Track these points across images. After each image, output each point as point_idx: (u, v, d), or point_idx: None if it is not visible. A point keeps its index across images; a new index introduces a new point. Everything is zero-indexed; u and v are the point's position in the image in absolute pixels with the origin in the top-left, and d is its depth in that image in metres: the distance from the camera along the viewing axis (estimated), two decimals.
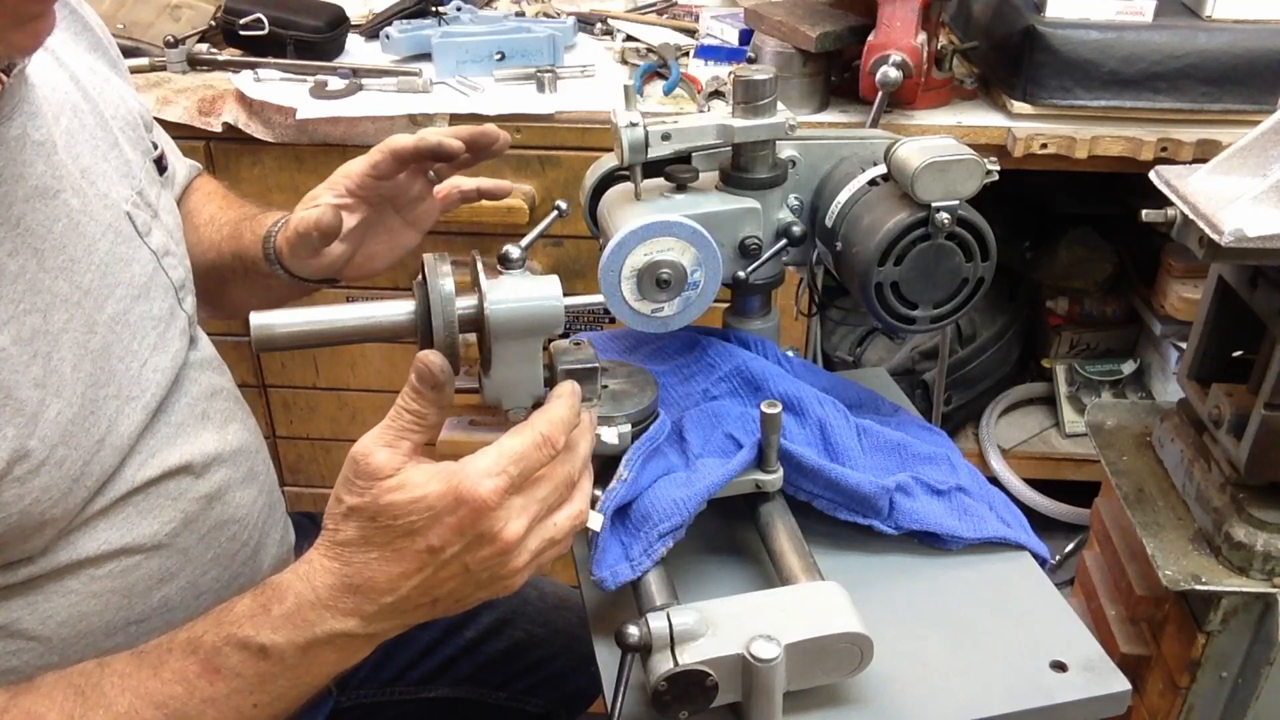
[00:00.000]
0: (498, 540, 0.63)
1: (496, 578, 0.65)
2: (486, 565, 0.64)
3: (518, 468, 0.63)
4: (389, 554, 0.63)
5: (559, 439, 0.66)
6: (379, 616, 0.65)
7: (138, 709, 0.64)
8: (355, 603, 0.64)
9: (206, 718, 0.64)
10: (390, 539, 0.63)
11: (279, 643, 0.64)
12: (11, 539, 0.69)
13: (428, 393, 0.64)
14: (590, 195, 0.91)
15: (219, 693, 0.64)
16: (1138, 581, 1.02)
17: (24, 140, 0.72)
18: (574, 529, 0.68)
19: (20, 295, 0.69)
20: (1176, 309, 1.66)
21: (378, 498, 0.62)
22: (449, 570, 0.64)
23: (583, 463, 0.69)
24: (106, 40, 0.90)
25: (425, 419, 0.64)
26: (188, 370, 0.86)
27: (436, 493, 0.62)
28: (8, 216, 0.69)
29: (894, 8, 1.38)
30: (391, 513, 0.62)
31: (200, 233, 1.00)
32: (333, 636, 0.64)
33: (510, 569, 0.65)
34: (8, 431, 0.66)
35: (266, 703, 0.65)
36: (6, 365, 0.67)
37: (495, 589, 0.67)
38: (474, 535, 0.63)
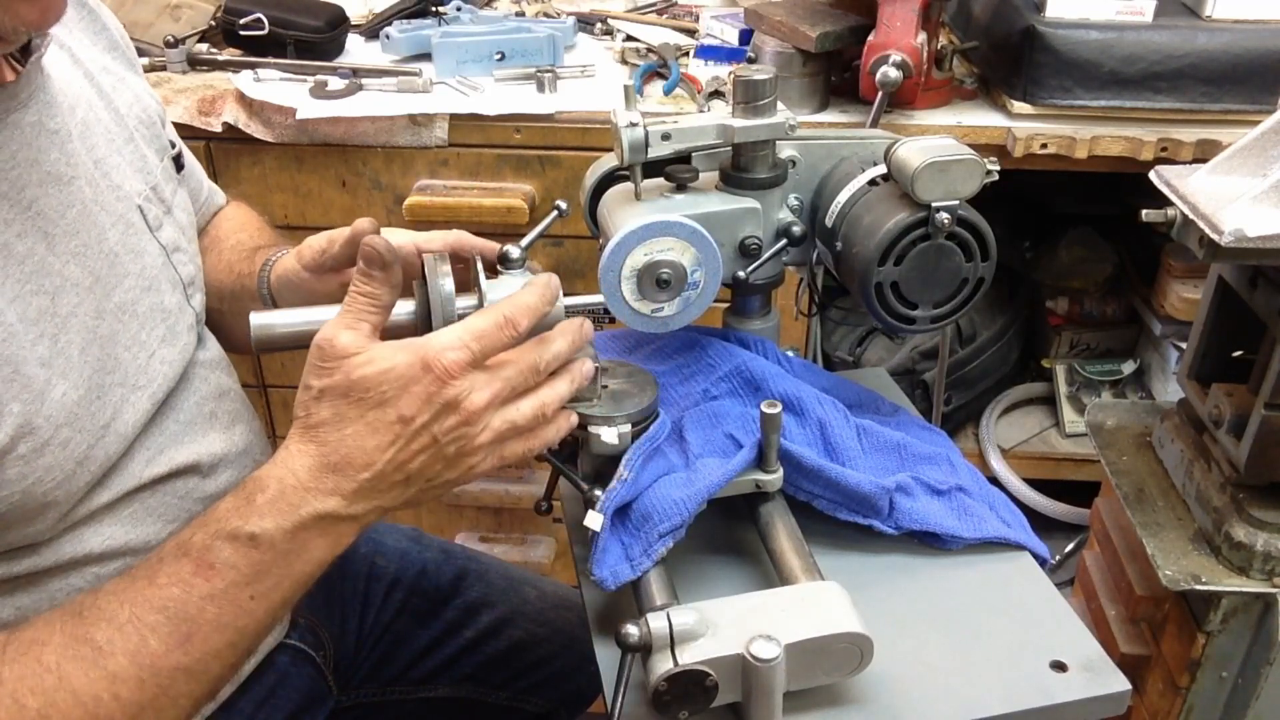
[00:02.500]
0: (461, 408, 0.67)
1: (461, 454, 0.69)
2: (452, 437, 0.67)
3: (479, 344, 0.67)
4: (362, 428, 0.66)
5: (521, 322, 0.69)
6: (359, 494, 0.67)
7: (139, 615, 0.65)
8: (335, 481, 0.66)
9: (207, 614, 0.65)
10: (363, 412, 0.66)
11: (268, 529, 0.66)
12: (14, 520, 0.70)
13: (377, 273, 0.68)
14: (590, 195, 0.91)
15: (216, 588, 0.65)
16: (1138, 581, 1.02)
17: (39, 128, 0.73)
18: (538, 419, 0.71)
19: (28, 276, 0.70)
20: (1176, 309, 1.66)
21: (349, 374, 0.66)
22: (419, 442, 0.67)
23: (553, 357, 0.71)
24: (123, 41, 0.91)
25: (379, 299, 0.68)
26: (196, 369, 0.86)
27: (405, 363, 0.66)
28: (19, 199, 0.71)
29: (894, 8, 1.38)
30: (363, 386, 0.66)
31: (223, 256, 1.01)
32: (318, 518, 0.66)
33: (474, 444, 0.68)
34: (13, 407, 0.67)
35: (263, 593, 0.67)
36: (14, 341, 0.68)
37: (460, 470, 0.69)
38: (440, 404, 0.66)
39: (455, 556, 1.18)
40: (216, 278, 0.99)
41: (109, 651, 0.64)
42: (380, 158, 1.49)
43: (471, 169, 1.50)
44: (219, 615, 0.66)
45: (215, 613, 0.66)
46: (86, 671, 0.63)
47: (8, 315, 0.68)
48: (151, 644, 0.64)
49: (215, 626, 0.66)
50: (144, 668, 0.64)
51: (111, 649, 0.64)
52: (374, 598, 1.10)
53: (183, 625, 0.65)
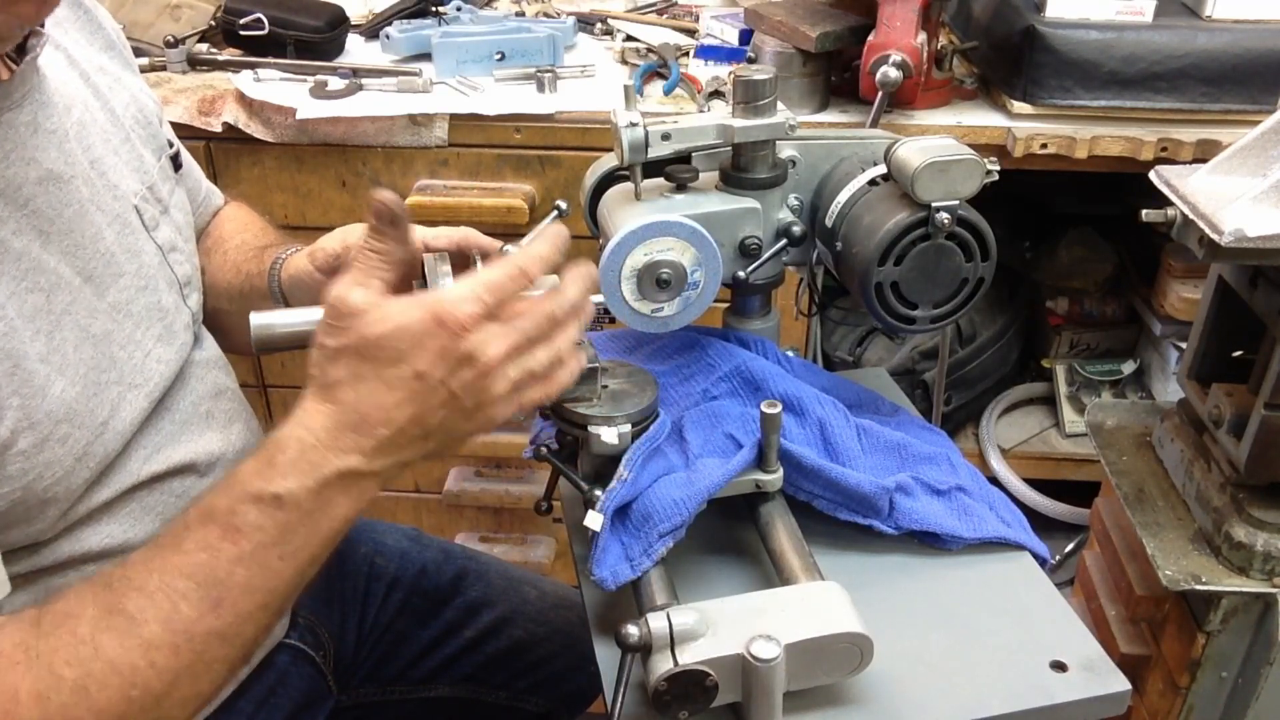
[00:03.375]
0: (478, 362, 0.66)
1: (480, 406, 0.68)
2: (470, 391, 0.67)
3: (492, 295, 0.67)
4: (379, 386, 0.66)
5: (534, 271, 0.69)
6: (378, 451, 0.67)
7: (169, 583, 0.64)
8: (354, 440, 0.66)
9: (236, 578, 0.65)
10: (379, 370, 0.65)
11: (292, 489, 0.65)
12: (15, 518, 0.70)
13: (388, 230, 0.68)
14: (590, 195, 0.91)
15: (244, 550, 0.65)
16: (1138, 581, 1.02)
17: (35, 127, 0.73)
18: (553, 365, 0.70)
19: (23, 273, 0.70)
20: (1176, 309, 1.66)
21: (362, 332, 0.65)
22: (437, 397, 0.66)
23: (570, 306, 0.70)
24: (119, 40, 0.91)
25: (390, 255, 0.68)
26: (192, 368, 0.86)
27: (417, 318, 0.65)
28: (15, 198, 0.71)
29: (894, 8, 1.38)
30: (378, 344, 0.65)
31: (229, 256, 1.01)
32: (340, 476, 0.66)
33: (492, 395, 0.68)
34: (14, 401, 0.67)
35: (291, 553, 0.67)
36: (14, 336, 0.68)
37: (479, 420, 0.69)
38: (455, 358, 0.65)
39: (455, 556, 1.18)
40: (224, 278, 0.99)
41: (142, 620, 0.64)
42: (380, 158, 1.49)
43: (471, 169, 1.50)
44: (249, 578, 0.65)
45: (245, 575, 0.65)
46: (121, 641, 0.63)
47: (7, 310, 0.68)
48: (184, 610, 0.64)
49: (245, 589, 0.65)
50: (178, 634, 0.64)
51: (144, 617, 0.64)
52: (374, 597, 1.10)
53: (213, 590, 0.65)
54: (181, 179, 0.94)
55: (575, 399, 0.77)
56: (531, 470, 1.76)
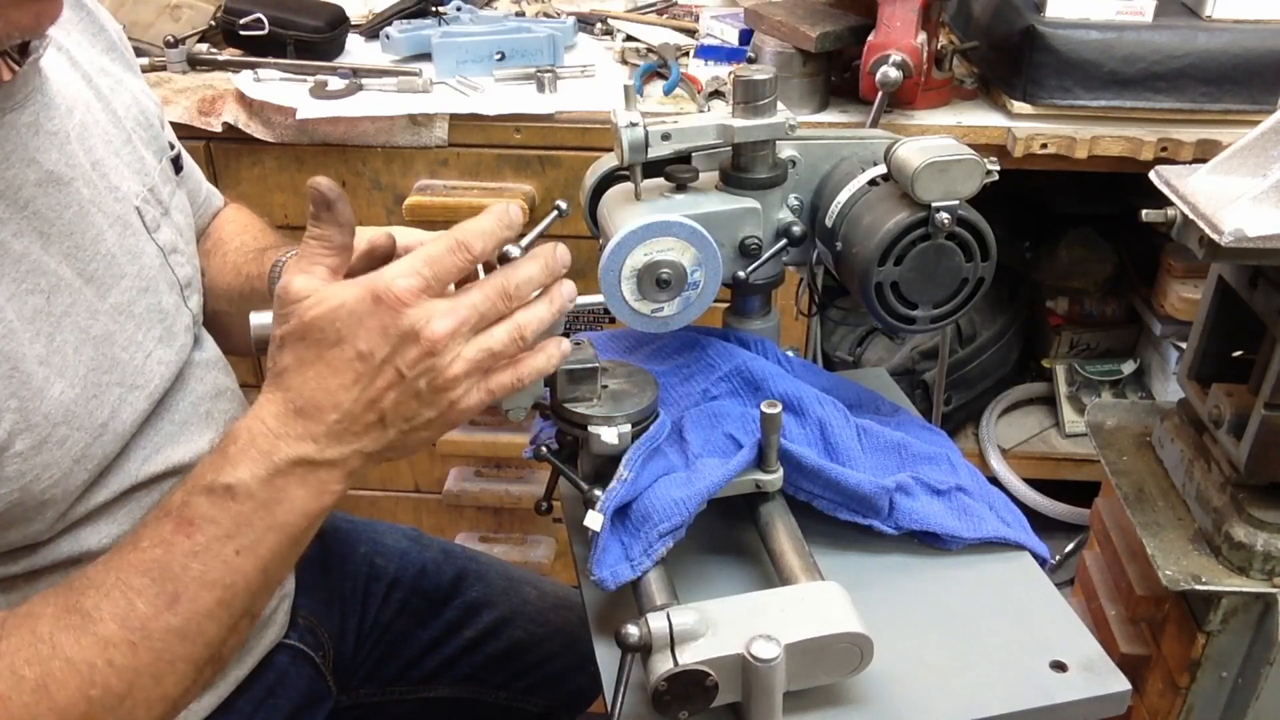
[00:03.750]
0: (422, 338, 0.64)
1: (436, 389, 0.66)
2: (420, 370, 0.65)
3: (430, 269, 0.65)
4: (323, 369, 0.65)
5: (474, 245, 0.67)
6: (331, 438, 0.65)
7: (124, 579, 0.64)
8: (304, 426, 0.65)
9: (192, 573, 0.64)
10: (321, 353, 0.65)
11: (243, 478, 0.64)
12: (14, 519, 0.70)
13: (324, 214, 0.67)
14: (590, 195, 0.91)
15: (198, 544, 0.64)
16: (1138, 581, 1.02)
17: (36, 128, 0.73)
18: (515, 343, 0.68)
19: (23, 275, 0.70)
20: (1176, 309, 1.66)
21: (302, 317, 0.65)
22: (384, 378, 0.65)
23: (523, 280, 0.68)
24: (121, 42, 0.91)
25: (330, 240, 0.67)
26: (192, 369, 0.86)
27: (354, 297, 0.64)
28: (16, 199, 0.71)
29: (894, 8, 1.38)
30: (318, 326, 0.65)
31: (228, 258, 1.01)
32: (293, 464, 0.65)
33: (447, 377, 0.66)
34: (12, 403, 0.67)
35: (248, 547, 0.65)
36: (13, 338, 0.68)
37: (441, 406, 0.67)
38: (398, 335, 0.64)
39: (455, 556, 1.18)
40: (224, 280, 0.99)
41: (97, 618, 0.63)
42: (380, 158, 1.49)
43: (471, 169, 1.50)
44: (204, 572, 0.64)
45: (200, 570, 0.64)
46: (78, 639, 0.62)
47: (6, 313, 0.68)
48: (139, 607, 0.63)
49: (201, 584, 0.64)
50: (134, 630, 0.63)
51: (100, 614, 0.63)
52: (374, 597, 1.10)
53: (168, 585, 0.63)
54: (182, 181, 0.94)
55: (575, 399, 0.77)
56: (531, 470, 1.76)
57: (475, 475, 1.77)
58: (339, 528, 1.14)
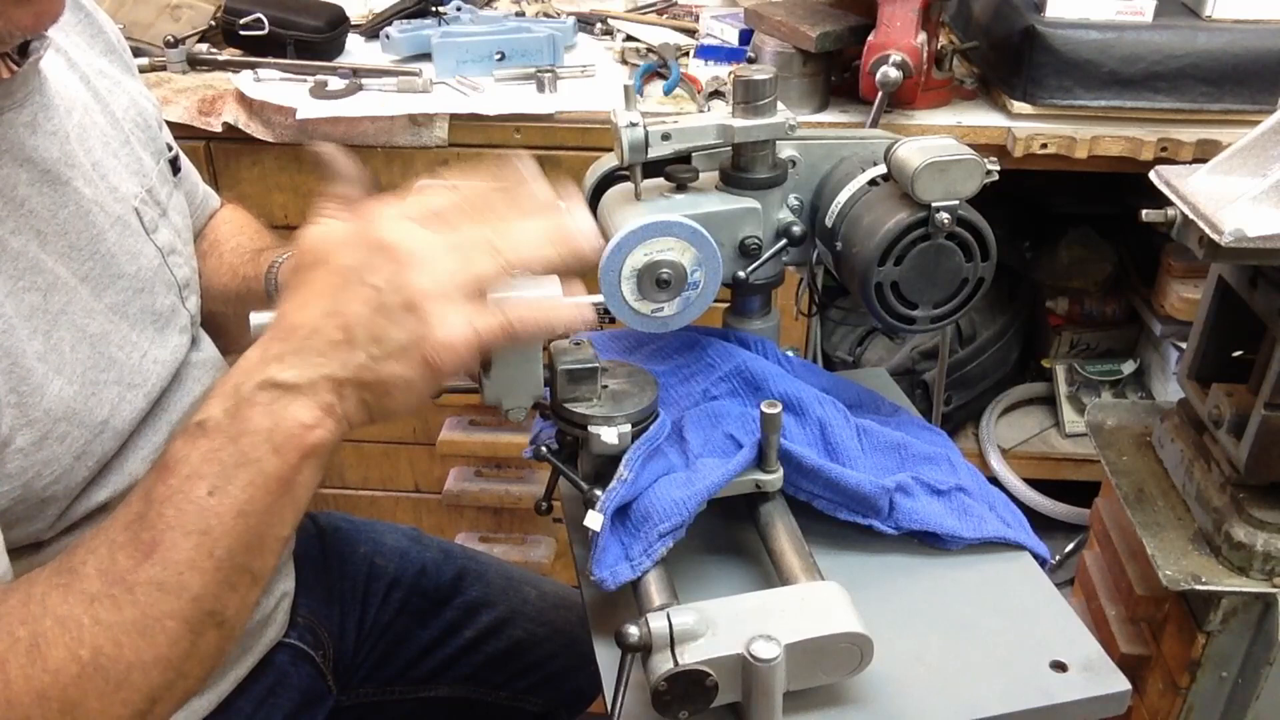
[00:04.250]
0: (394, 251, 0.62)
1: (409, 306, 0.62)
2: (390, 284, 0.61)
3: (415, 196, 0.66)
4: (304, 290, 0.64)
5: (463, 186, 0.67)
6: (294, 355, 0.62)
7: (110, 536, 0.62)
8: (275, 349, 0.63)
9: (166, 518, 0.61)
10: (305, 276, 0.64)
11: (213, 413, 0.62)
12: (16, 516, 0.70)
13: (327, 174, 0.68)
14: (590, 195, 0.91)
15: (171, 488, 0.62)
16: (1138, 581, 1.02)
17: (35, 127, 0.73)
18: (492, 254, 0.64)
19: (21, 273, 0.70)
20: (1176, 309, 1.66)
21: (299, 245, 0.65)
22: (353, 292, 0.62)
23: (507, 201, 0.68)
24: (120, 44, 0.91)
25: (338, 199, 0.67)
26: (190, 369, 0.86)
27: (344, 223, 0.65)
28: (13, 197, 0.71)
29: (894, 8, 1.38)
30: (308, 250, 0.65)
31: (224, 259, 1.01)
32: (256, 389, 0.62)
33: (416, 288, 0.62)
34: (11, 399, 0.67)
35: (220, 486, 0.62)
36: (12, 334, 0.68)
37: (411, 327, 0.62)
38: (369, 246, 0.62)
39: (455, 556, 1.18)
40: (220, 281, 0.99)
41: (83, 574, 0.61)
42: (380, 158, 1.49)
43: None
44: (177, 516, 0.61)
45: (174, 514, 0.61)
46: (65, 597, 0.61)
47: (4, 309, 0.68)
48: (120, 560, 0.61)
49: (177, 530, 0.61)
50: (116, 584, 0.61)
51: (85, 570, 0.62)
52: (373, 597, 1.10)
53: (145, 534, 0.61)
54: (180, 182, 0.94)
55: (575, 399, 0.77)
56: (531, 470, 1.76)
57: (475, 475, 1.77)
58: (339, 527, 1.14)
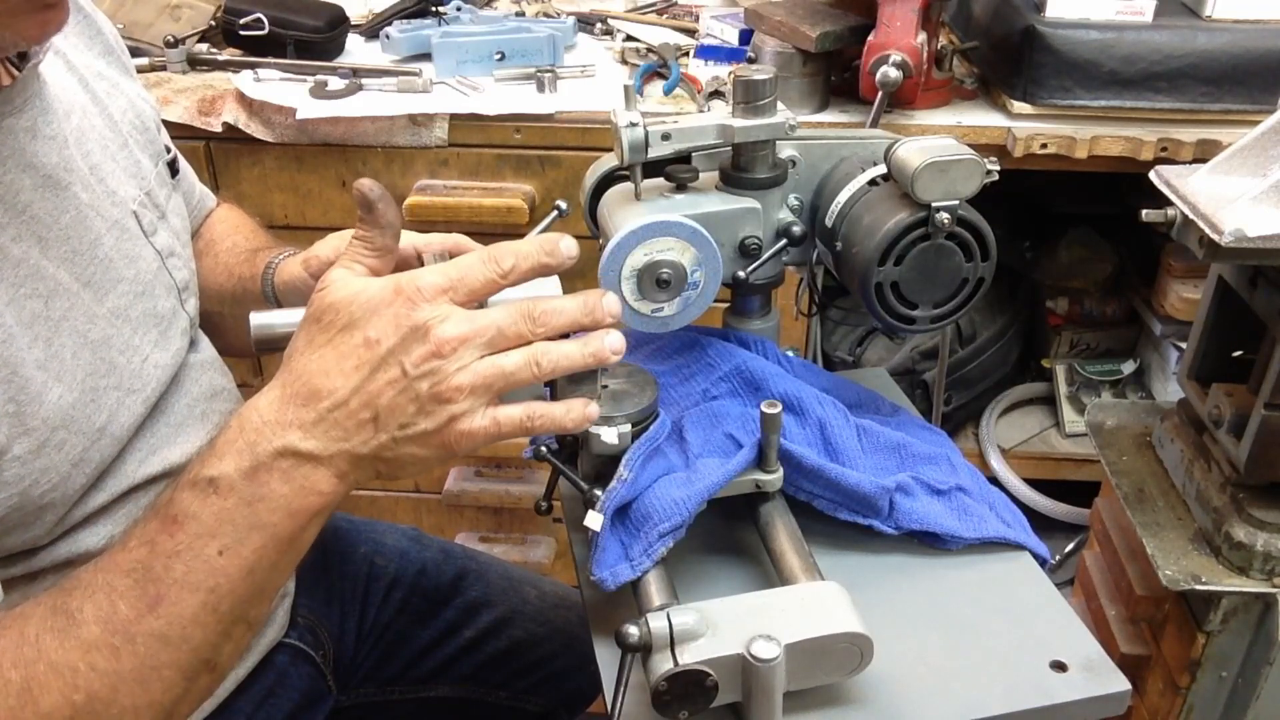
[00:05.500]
0: (430, 336, 0.63)
1: (437, 397, 0.63)
2: (424, 370, 0.63)
3: (458, 272, 0.65)
4: (328, 352, 0.64)
5: (505, 259, 0.66)
6: (319, 426, 0.63)
7: (109, 581, 0.63)
8: (295, 412, 0.63)
9: (174, 573, 0.62)
10: (331, 336, 0.64)
11: (226, 471, 0.62)
12: (13, 524, 0.70)
13: (366, 215, 0.67)
14: (590, 195, 0.91)
15: (180, 543, 0.62)
16: (1138, 581, 1.02)
17: (34, 132, 0.73)
18: (528, 365, 0.65)
19: (22, 279, 0.70)
20: (1176, 309, 1.66)
21: (324, 298, 0.65)
22: (386, 373, 0.63)
23: (551, 308, 0.67)
24: (118, 46, 0.91)
25: (372, 241, 0.67)
26: (188, 370, 0.86)
27: (377, 285, 0.64)
28: (14, 203, 0.70)
29: (894, 8, 1.38)
30: (334, 308, 0.64)
31: (220, 259, 1.00)
32: (275, 456, 0.63)
33: (451, 385, 0.63)
34: (9, 408, 0.67)
35: (231, 546, 0.63)
36: (11, 343, 0.68)
37: (439, 417, 0.64)
38: (409, 327, 0.63)
39: (455, 556, 1.18)
40: (215, 281, 0.99)
41: (81, 620, 0.62)
42: (380, 158, 1.49)
43: (471, 169, 1.50)
44: (186, 573, 0.62)
45: (182, 570, 0.62)
46: (62, 642, 0.61)
47: (5, 318, 0.68)
48: (122, 609, 0.62)
49: (184, 586, 0.62)
50: (116, 634, 0.61)
51: (84, 617, 0.62)
52: (374, 597, 1.10)
53: (150, 587, 0.62)
54: (178, 184, 0.94)
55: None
56: (531, 470, 1.76)
57: (475, 475, 1.77)
58: (339, 527, 1.14)
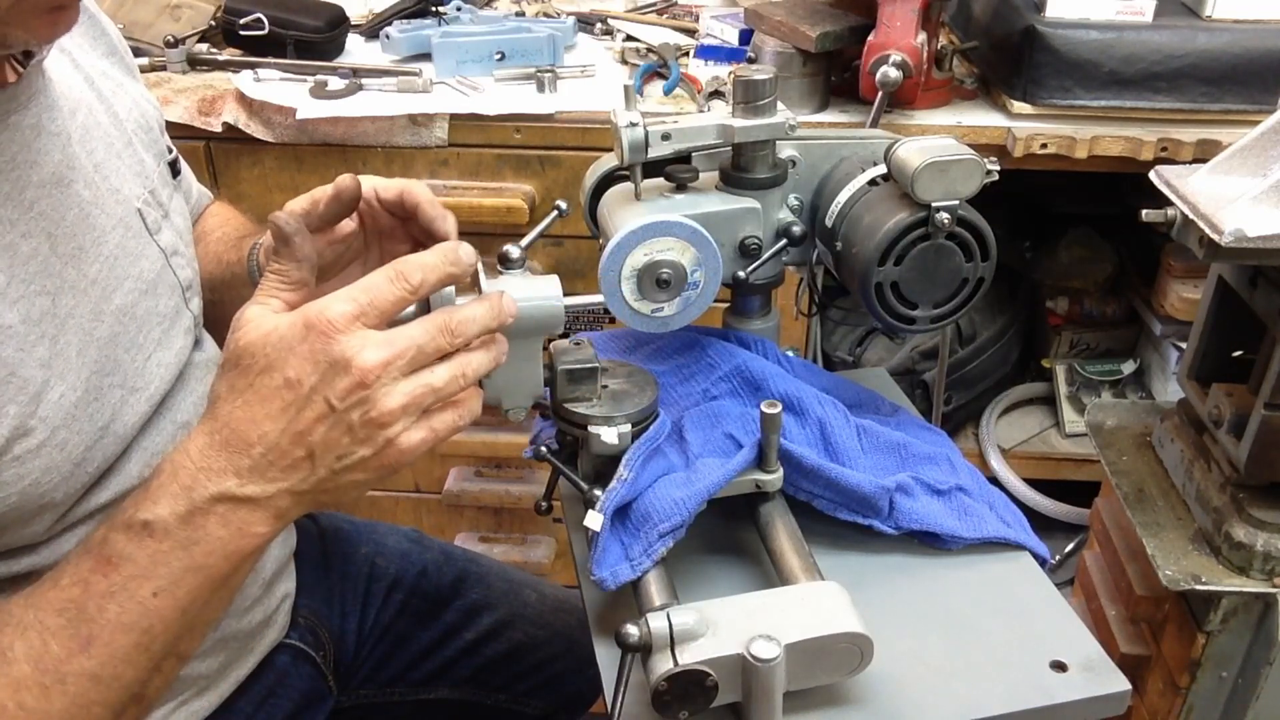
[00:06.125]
0: (352, 368, 0.61)
1: (370, 423, 0.62)
2: (351, 402, 0.62)
3: (367, 296, 0.63)
4: (250, 397, 0.63)
5: (414, 276, 0.64)
6: (255, 472, 0.63)
7: (41, 618, 0.62)
8: (228, 459, 0.63)
9: (107, 614, 0.62)
10: (250, 380, 0.63)
11: (161, 515, 0.62)
12: (12, 521, 0.70)
13: (282, 249, 0.65)
14: (590, 195, 0.91)
15: (114, 584, 0.62)
16: (1138, 581, 1.02)
17: (39, 129, 0.73)
18: (456, 381, 0.65)
19: (32, 276, 0.70)
20: (1176, 309, 1.66)
21: (237, 342, 0.63)
22: (313, 409, 0.62)
23: (465, 318, 0.65)
24: (121, 46, 0.91)
25: (288, 275, 0.66)
26: (192, 370, 0.86)
27: (287, 323, 0.63)
28: (21, 200, 0.70)
29: (894, 8, 1.38)
30: (250, 352, 0.63)
31: (211, 248, 1.01)
32: (213, 500, 0.62)
33: (382, 410, 0.62)
34: (9, 409, 0.67)
35: (165, 588, 0.62)
36: (12, 343, 0.68)
37: (377, 444, 0.63)
38: (327, 362, 0.61)
39: (455, 558, 1.18)
40: (206, 269, 0.98)
41: (11, 658, 0.61)
42: (380, 158, 1.49)
43: (471, 169, 1.50)
44: (120, 614, 0.62)
45: (116, 611, 0.62)
46: None
47: (8, 317, 0.68)
48: (53, 648, 0.61)
49: (117, 627, 0.62)
50: (47, 673, 0.61)
51: (14, 654, 0.61)
52: (374, 598, 1.10)
53: (83, 627, 0.61)
54: (179, 185, 0.94)
55: (575, 399, 0.77)
56: (531, 470, 1.76)
57: (475, 475, 1.77)
58: (340, 528, 1.14)
